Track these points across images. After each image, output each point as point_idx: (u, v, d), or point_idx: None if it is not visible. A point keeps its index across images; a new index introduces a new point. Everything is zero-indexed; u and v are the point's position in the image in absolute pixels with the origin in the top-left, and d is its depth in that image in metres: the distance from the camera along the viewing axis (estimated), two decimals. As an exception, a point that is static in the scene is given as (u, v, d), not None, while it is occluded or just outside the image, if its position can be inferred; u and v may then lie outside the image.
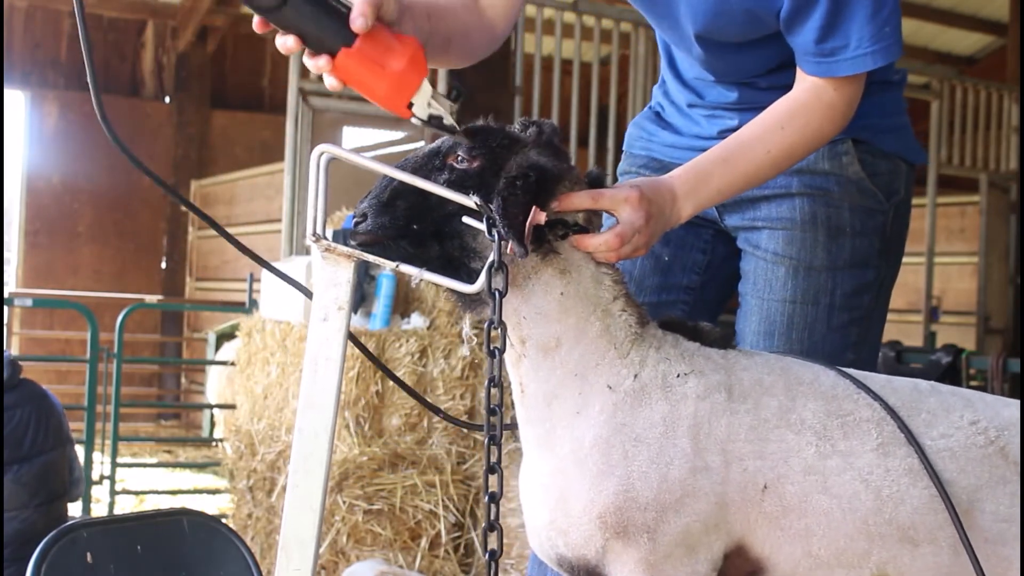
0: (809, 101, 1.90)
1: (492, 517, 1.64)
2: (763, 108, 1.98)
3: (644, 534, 1.60)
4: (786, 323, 2.06)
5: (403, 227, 1.66)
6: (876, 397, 1.68)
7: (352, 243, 1.68)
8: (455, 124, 1.69)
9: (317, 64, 1.65)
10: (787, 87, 1.98)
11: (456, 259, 1.68)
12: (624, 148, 2.39)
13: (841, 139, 2.10)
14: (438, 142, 1.74)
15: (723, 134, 2.08)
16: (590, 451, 1.64)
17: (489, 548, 1.64)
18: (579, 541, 1.64)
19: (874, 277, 2.19)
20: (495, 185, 1.63)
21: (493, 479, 1.64)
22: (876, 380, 1.74)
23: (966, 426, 1.68)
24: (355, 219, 1.69)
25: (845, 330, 2.13)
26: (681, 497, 1.60)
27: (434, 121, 1.67)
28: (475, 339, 4.40)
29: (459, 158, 1.67)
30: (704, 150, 1.99)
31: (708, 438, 1.62)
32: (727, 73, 2.15)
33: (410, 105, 1.66)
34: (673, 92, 2.28)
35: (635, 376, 1.66)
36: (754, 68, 2.11)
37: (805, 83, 1.92)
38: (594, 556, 1.64)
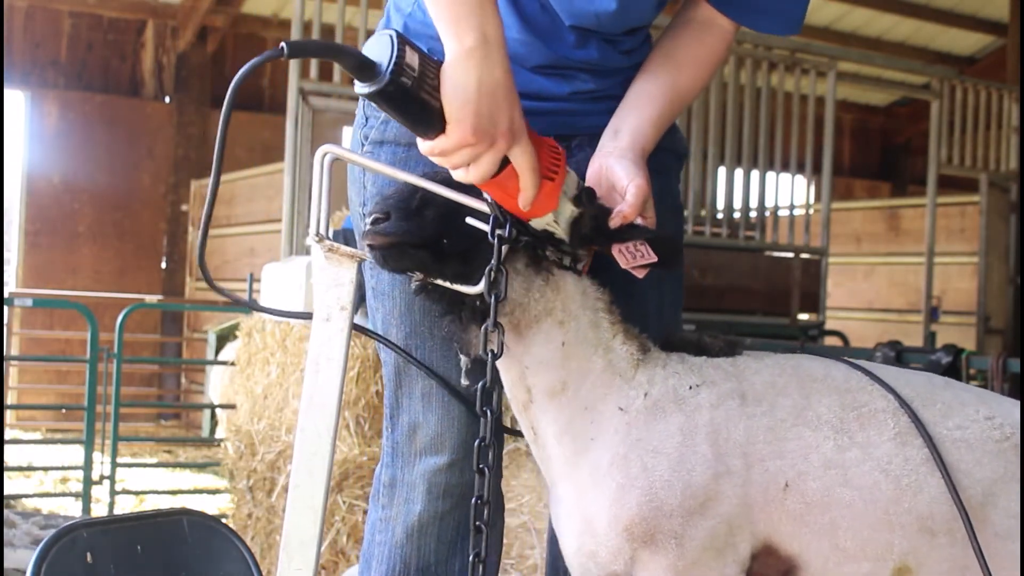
0: (724, 46, 1.94)
1: (482, 520, 1.64)
2: (616, 72, 1.96)
3: (672, 540, 1.60)
4: (656, 305, 2.01)
5: (428, 238, 1.62)
6: (888, 388, 1.68)
7: (365, 241, 1.65)
8: (564, 237, 1.67)
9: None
10: (632, 51, 1.96)
11: (475, 282, 1.65)
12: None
13: None
14: None
15: (575, 97, 1.96)
16: (609, 469, 1.64)
17: (474, 551, 1.65)
18: (608, 558, 1.65)
19: None
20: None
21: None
22: (889, 372, 1.74)
23: (982, 420, 1.69)
24: (375, 216, 1.63)
25: (680, 303, 2.14)
26: (705, 501, 1.61)
27: (545, 233, 1.67)
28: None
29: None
30: (539, 113, 1.87)
31: (728, 443, 1.63)
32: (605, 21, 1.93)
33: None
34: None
35: (645, 395, 1.67)
36: (636, 19, 1.96)
37: (721, 24, 1.92)
38: (623, 570, 1.65)
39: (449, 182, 1.65)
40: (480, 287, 1.63)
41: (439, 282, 1.66)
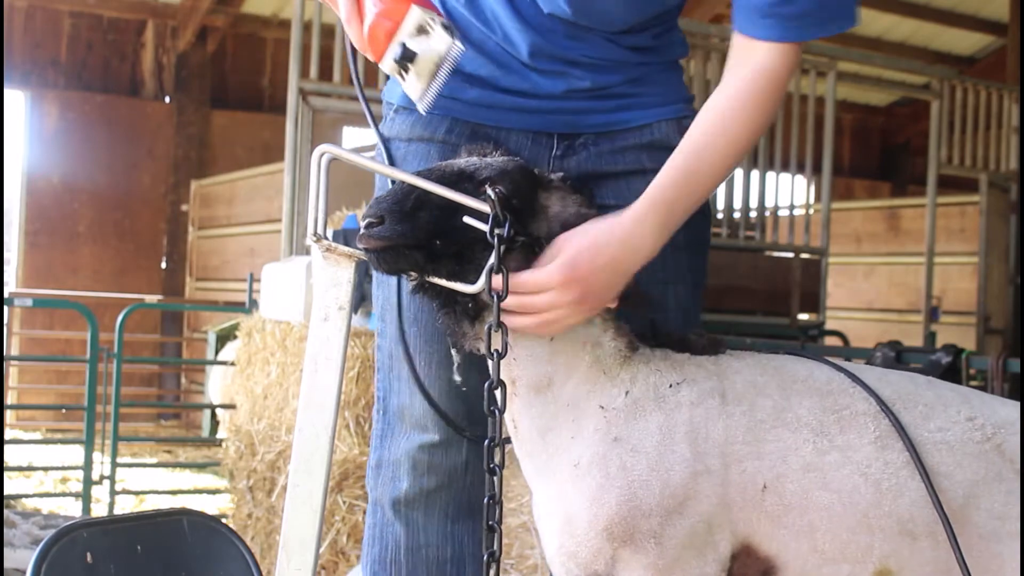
0: (761, 81, 1.71)
1: (495, 519, 1.64)
2: (620, 68, 1.93)
3: (651, 540, 1.60)
4: (660, 304, 1.98)
5: (423, 239, 1.62)
6: (869, 391, 1.67)
7: (360, 244, 1.66)
8: (413, 95, 1.73)
9: None
10: (644, 49, 1.92)
11: (471, 280, 1.65)
12: (399, 104, 2.01)
13: (688, 113, 1.97)
14: (465, 163, 1.71)
15: (570, 95, 1.93)
16: (588, 468, 1.64)
17: (488, 550, 1.65)
18: (588, 558, 1.64)
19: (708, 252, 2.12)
20: (533, 222, 1.66)
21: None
22: (872, 373, 1.74)
23: (963, 421, 1.68)
24: (368, 219, 1.64)
25: (700, 307, 2.10)
26: (684, 500, 1.60)
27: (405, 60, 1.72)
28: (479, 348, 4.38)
29: (497, 191, 1.63)
30: (536, 112, 1.90)
31: (706, 442, 1.63)
32: (591, 16, 1.87)
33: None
34: (489, 33, 1.93)
35: (627, 393, 1.67)
36: (627, 17, 1.89)
37: (756, 57, 1.72)
38: (605, 570, 1.64)
39: (445, 181, 1.66)
40: (478, 286, 1.63)
41: (435, 280, 1.66)
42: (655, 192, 1.69)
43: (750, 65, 1.72)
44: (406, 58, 1.69)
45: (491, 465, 1.65)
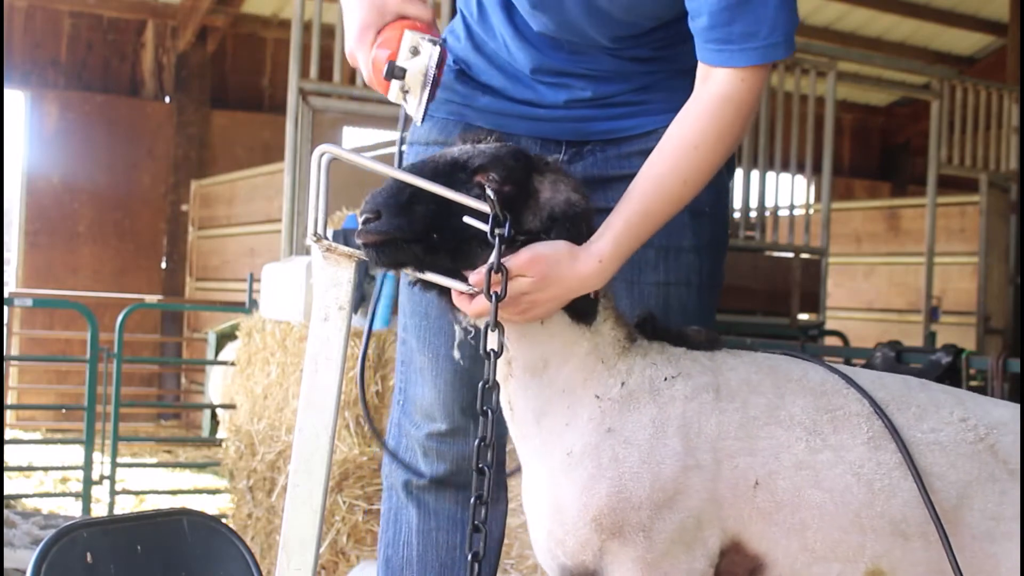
0: (719, 107, 1.74)
1: (480, 519, 1.65)
2: (624, 77, 1.95)
3: (640, 533, 1.60)
4: (661, 306, 2.01)
5: (420, 232, 1.63)
6: (862, 391, 1.68)
7: (358, 240, 1.66)
8: (412, 113, 1.79)
9: None
10: (647, 59, 1.95)
11: (464, 278, 1.67)
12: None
13: None
14: (459, 152, 1.72)
15: (572, 104, 1.99)
16: (580, 458, 1.65)
17: (472, 550, 1.65)
18: (576, 547, 1.65)
19: (725, 254, 2.15)
20: (527, 208, 1.67)
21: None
22: (865, 376, 1.74)
23: (956, 422, 1.68)
24: (366, 215, 1.65)
25: (711, 308, 2.12)
26: (674, 495, 1.61)
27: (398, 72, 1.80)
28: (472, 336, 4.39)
29: (490, 177, 1.64)
30: (543, 119, 1.97)
31: (698, 437, 1.63)
32: (573, 34, 1.94)
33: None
34: (498, 49, 2.03)
35: (622, 384, 1.68)
36: (601, 36, 1.93)
37: (713, 81, 1.75)
38: (592, 560, 1.65)
39: (440, 172, 1.67)
40: (474, 287, 1.64)
41: (430, 277, 1.66)
42: (617, 230, 1.71)
43: (709, 89, 1.76)
44: (395, 75, 1.77)
45: (480, 465, 1.65)
